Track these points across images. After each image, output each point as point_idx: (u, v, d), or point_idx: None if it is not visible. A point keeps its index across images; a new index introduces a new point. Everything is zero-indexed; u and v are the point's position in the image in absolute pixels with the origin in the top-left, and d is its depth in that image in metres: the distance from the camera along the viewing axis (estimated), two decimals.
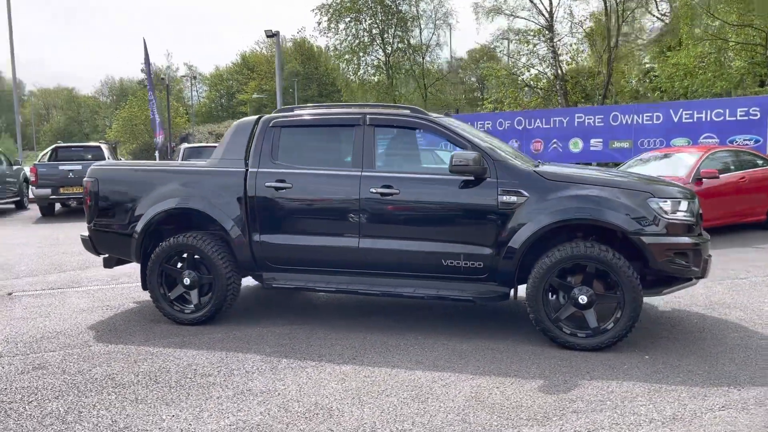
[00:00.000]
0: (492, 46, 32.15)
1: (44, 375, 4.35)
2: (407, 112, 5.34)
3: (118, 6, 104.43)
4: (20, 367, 4.50)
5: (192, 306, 5.57)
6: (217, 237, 5.50)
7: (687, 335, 5.06)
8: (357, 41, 31.87)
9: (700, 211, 4.90)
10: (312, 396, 3.89)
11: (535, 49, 30.29)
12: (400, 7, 31.70)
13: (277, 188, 5.30)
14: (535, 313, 4.74)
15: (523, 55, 30.89)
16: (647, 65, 34.73)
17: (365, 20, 31.72)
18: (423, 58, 33.56)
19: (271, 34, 20.47)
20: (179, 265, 5.60)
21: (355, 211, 5.13)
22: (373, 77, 32.00)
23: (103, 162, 6.69)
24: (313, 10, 31.88)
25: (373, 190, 5.06)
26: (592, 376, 4.17)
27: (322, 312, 5.98)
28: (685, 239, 4.66)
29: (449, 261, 4.95)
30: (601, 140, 15.50)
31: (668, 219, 4.61)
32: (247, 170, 5.43)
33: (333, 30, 31.60)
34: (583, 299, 4.65)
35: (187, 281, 5.53)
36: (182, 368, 4.43)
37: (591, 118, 15.66)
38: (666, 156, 11.02)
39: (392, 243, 5.07)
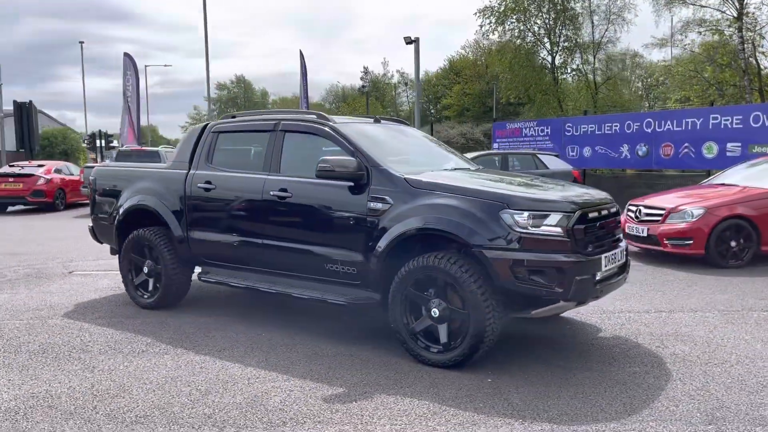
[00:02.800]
0: (672, 41, 29.17)
1: None
2: (313, 117, 5.47)
3: (355, 17, 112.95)
4: None
5: (148, 292, 6.27)
6: (167, 232, 6.12)
7: (578, 364, 4.54)
8: (521, 41, 31.00)
9: (582, 227, 4.32)
10: (130, 378, 4.29)
11: (725, 42, 26.98)
12: (569, 3, 30.14)
13: (205, 189, 5.77)
14: (394, 323, 4.62)
15: (711, 49, 27.69)
16: None
17: (531, 20, 30.76)
18: (594, 56, 31.58)
19: (410, 41, 20.95)
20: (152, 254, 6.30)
21: (259, 213, 5.41)
22: (537, 77, 30.87)
23: (104, 163, 7.71)
24: (475, 13, 31.73)
25: (272, 193, 5.29)
26: (398, 390, 4.01)
27: (255, 307, 6.29)
28: (546, 256, 4.19)
29: (330, 265, 5.00)
30: (739, 144, 13.52)
31: (521, 233, 4.19)
32: (188, 172, 5.98)
33: (498, 32, 31.18)
34: (435, 312, 4.44)
35: (145, 270, 6.25)
36: (80, 342, 5.11)
37: (728, 119, 13.71)
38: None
39: (287, 245, 5.25)
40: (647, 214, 8.78)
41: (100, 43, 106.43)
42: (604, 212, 4.67)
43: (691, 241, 8.18)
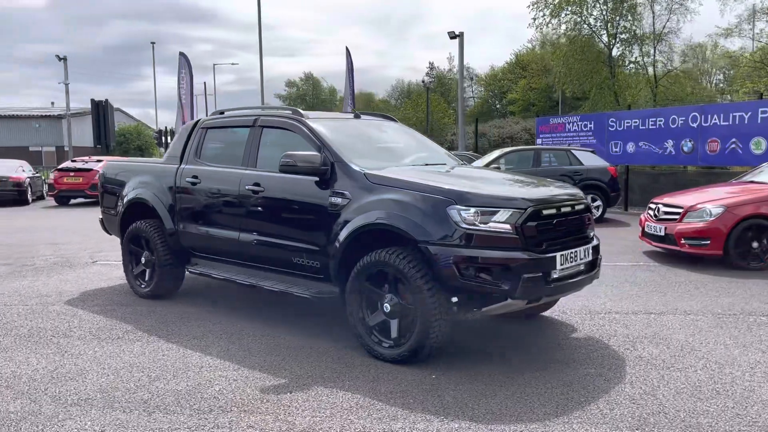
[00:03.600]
0: (737, 30, 27.59)
1: None
2: (288, 113, 5.55)
3: (427, 12, 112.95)
4: None
5: (145, 282, 6.54)
6: (160, 224, 6.35)
7: (534, 364, 4.44)
8: (577, 34, 30.08)
9: (533, 224, 4.22)
10: (93, 363, 4.50)
11: None
12: None
13: (192, 183, 5.96)
14: (351, 317, 4.65)
15: None
16: None
17: (588, 11, 29.78)
18: (654, 48, 30.28)
19: (454, 36, 20.74)
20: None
21: (236, 207, 5.55)
22: (593, 71, 29.87)
23: (111, 159, 8.02)
24: (528, 6, 31.00)
25: (247, 188, 5.41)
26: (338, 383, 4.06)
27: (245, 299, 6.43)
28: (492, 253, 4.12)
29: (297, 258, 5.09)
30: None
31: (468, 229, 4.13)
32: (178, 166, 6.18)
33: (551, 26, 30.38)
34: (387, 307, 4.45)
35: (143, 260, 6.51)
36: (66, 328, 5.39)
37: None
38: None
39: (260, 238, 5.37)
40: (666, 213, 8.43)
41: (182, 43, 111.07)
42: (566, 209, 4.54)
43: (708, 241, 7.80)
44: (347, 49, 23.50)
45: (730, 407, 3.65)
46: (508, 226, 4.17)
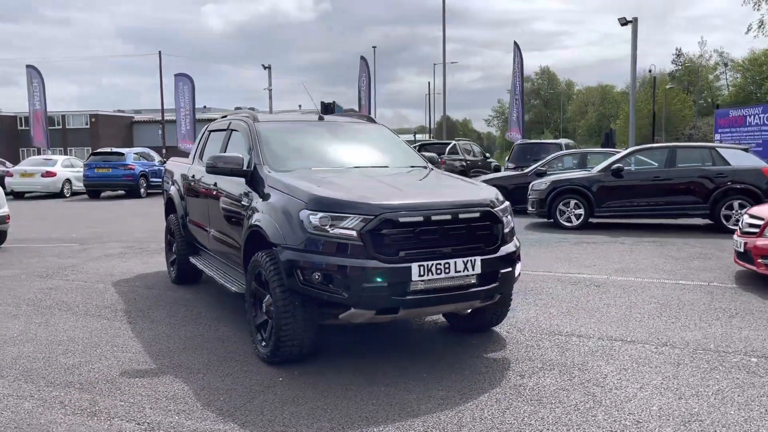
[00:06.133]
0: None
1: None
2: (245, 115, 5.85)
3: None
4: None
5: (173, 269, 7.36)
6: (178, 218, 7.09)
7: (397, 379, 4.21)
8: None
9: (385, 231, 4.00)
10: (47, 333, 5.32)
11: None
12: None
13: (192, 181, 6.59)
14: (247, 314, 4.83)
15: None
16: None
17: None
18: None
19: (625, 22, 18.92)
20: None
21: (207, 204, 6.04)
22: None
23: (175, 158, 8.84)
24: None
25: (212, 186, 5.86)
26: (191, 376, 4.30)
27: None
28: (333, 260, 4.01)
29: (233, 254, 5.42)
30: None
31: (313, 234, 4.08)
32: (190, 166, 6.86)
33: None
34: (264, 308, 4.56)
35: (173, 249, 7.34)
36: (76, 304, 6.36)
37: None
38: None
39: (216, 234, 5.79)
40: (749, 225, 7.03)
41: (432, 44, 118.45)
42: (440, 217, 4.19)
43: None
44: (515, 43, 22.81)
45: None
46: (353, 233, 4.02)
